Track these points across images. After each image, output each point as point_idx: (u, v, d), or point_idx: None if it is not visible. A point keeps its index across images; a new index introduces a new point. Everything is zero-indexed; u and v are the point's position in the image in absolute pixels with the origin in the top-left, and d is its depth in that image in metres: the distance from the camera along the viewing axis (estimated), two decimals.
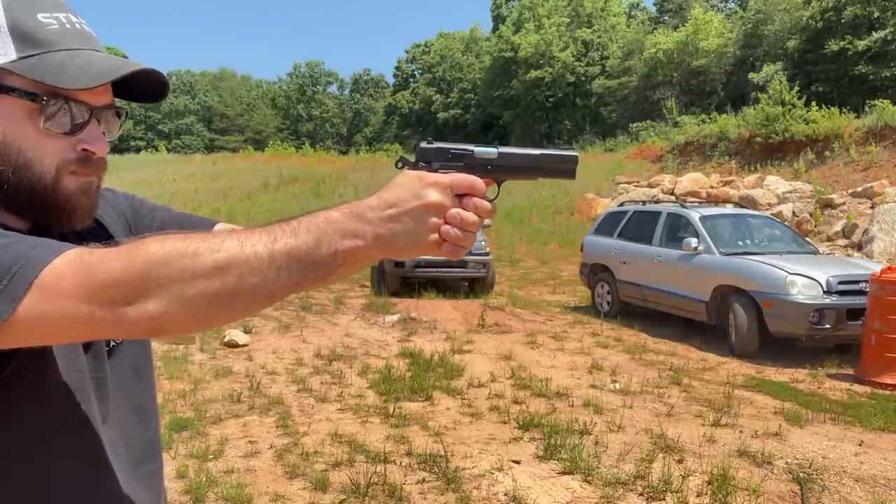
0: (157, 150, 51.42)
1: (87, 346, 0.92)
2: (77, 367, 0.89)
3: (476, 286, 11.63)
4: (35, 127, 0.84)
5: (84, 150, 0.87)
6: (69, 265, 0.73)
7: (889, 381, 6.34)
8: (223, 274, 0.73)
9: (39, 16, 0.85)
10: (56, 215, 0.88)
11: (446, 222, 0.81)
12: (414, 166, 0.87)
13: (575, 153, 0.92)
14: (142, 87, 0.91)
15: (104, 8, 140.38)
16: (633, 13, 51.83)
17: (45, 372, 0.86)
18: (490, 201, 0.85)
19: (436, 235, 0.81)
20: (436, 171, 0.85)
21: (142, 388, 1.02)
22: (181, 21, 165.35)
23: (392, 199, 0.79)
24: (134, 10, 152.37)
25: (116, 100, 0.93)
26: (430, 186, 0.80)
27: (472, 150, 0.88)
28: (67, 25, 0.87)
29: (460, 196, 0.82)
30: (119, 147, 52.78)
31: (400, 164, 0.88)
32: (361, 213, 0.78)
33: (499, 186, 0.90)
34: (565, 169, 0.91)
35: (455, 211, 0.81)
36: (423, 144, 0.89)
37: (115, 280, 0.72)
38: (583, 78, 44.58)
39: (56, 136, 0.85)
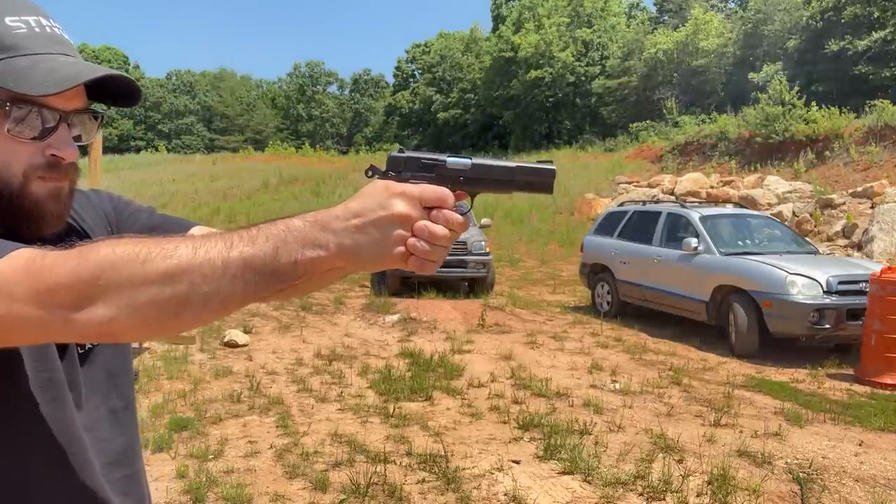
0: (157, 150, 51.33)
1: (60, 349, 0.90)
2: (47, 368, 0.88)
3: (476, 286, 11.62)
4: (1, 132, 0.83)
5: (52, 155, 0.86)
6: (19, 268, 0.72)
7: (889, 381, 6.34)
8: (174, 282, 0.71)
9: (7, 20, 0.84)
10: (24, 220, 0.86)
11: (414, 234, 0.77)
12: (384, 175, 0.83)
13: (552, 167, 0.88)
14: (115, 91, 0.90)
15: (105, 8, 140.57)
16: (633, 13, 51.75)
17: (13, 374, 0.85)
18: (463, 214, 0.81)
19: (402, 248, 0.77)
20: (406, 181, 0.81)
21: (116, 392, 1.01)
22: (181, 21, 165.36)
23: (357, 209, 0.76)
24: (134, 9, 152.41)
25: (95, 103, 0.92)
26: (396, 196, 0.77)
27: (445, 161, 0.85)
28: (37, 29, 0.86)
29: (430, 208, 0.78)
30: (119, 147, 52.81)
31: (370, 173, 0.85)
32: (325, 223, 0.75)
33: (472, 199, 0.87)
34: (542, 182, 0.88)
35: (423, 223, 0.77)
36: (394, 153, 0.86)
37: (64, 284, 0.70)
38: (583, 78, 44.51)
39: (23, 141, 0.84)
